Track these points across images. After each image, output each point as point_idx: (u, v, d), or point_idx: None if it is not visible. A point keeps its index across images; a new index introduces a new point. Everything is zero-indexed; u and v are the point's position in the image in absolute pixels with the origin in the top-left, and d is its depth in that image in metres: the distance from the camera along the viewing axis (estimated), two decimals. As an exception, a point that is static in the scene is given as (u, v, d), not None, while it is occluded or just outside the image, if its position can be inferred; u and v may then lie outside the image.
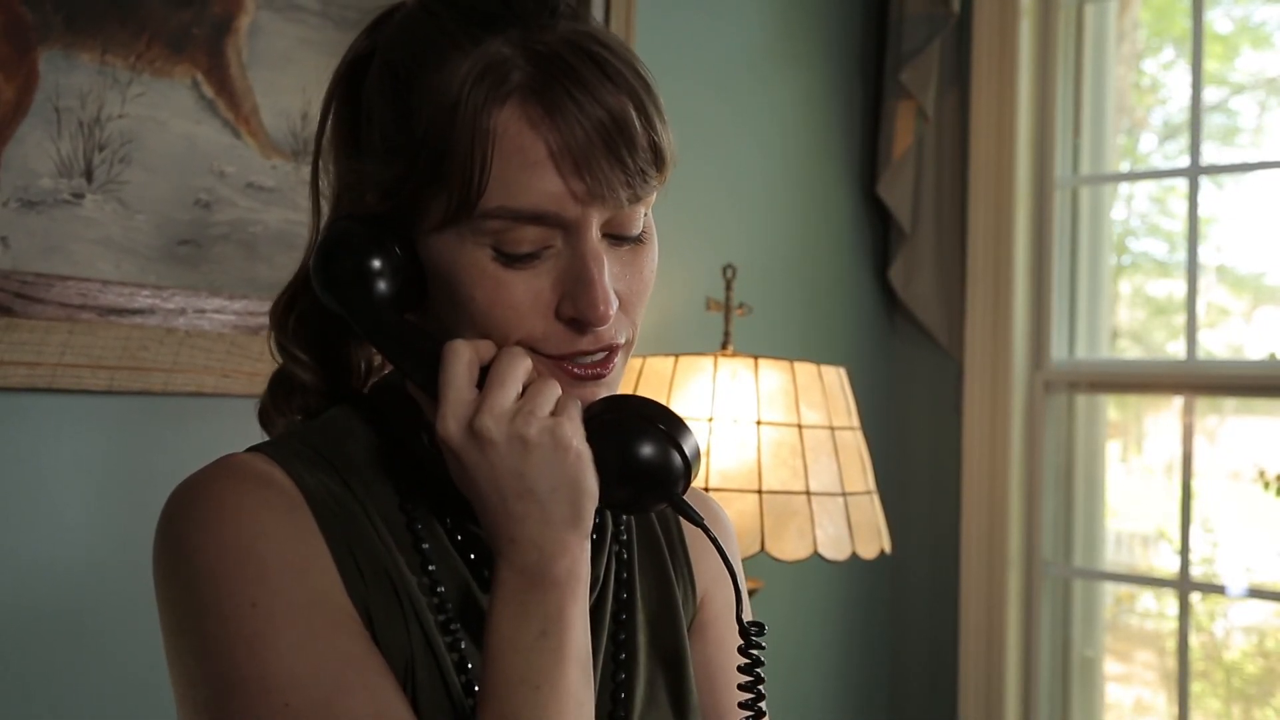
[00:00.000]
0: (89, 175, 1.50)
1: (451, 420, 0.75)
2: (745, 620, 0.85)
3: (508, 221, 0.75)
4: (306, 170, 1.71)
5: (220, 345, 1.60)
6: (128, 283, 1.53)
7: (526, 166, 0.74)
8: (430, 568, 0.82)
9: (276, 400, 0.90)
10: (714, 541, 0.82)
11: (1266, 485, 2.38)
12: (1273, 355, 2.41)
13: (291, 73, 1.67)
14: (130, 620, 1.51)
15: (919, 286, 2.58)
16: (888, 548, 1.87)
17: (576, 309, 0.77)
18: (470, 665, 0.80)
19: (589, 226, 0.76)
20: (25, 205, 1.45)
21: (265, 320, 1.66)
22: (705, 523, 0.81)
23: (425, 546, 0.82)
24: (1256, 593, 2.49)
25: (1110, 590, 2.70)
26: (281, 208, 1.67)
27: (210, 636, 0.74)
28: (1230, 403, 2.66)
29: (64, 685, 1.49)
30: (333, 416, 0.86)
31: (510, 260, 0.76)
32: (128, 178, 1.53)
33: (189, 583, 0.76)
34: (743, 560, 1.66)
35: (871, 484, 1.88)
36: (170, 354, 1.56)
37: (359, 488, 0.82)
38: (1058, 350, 2.55)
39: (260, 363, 1.62)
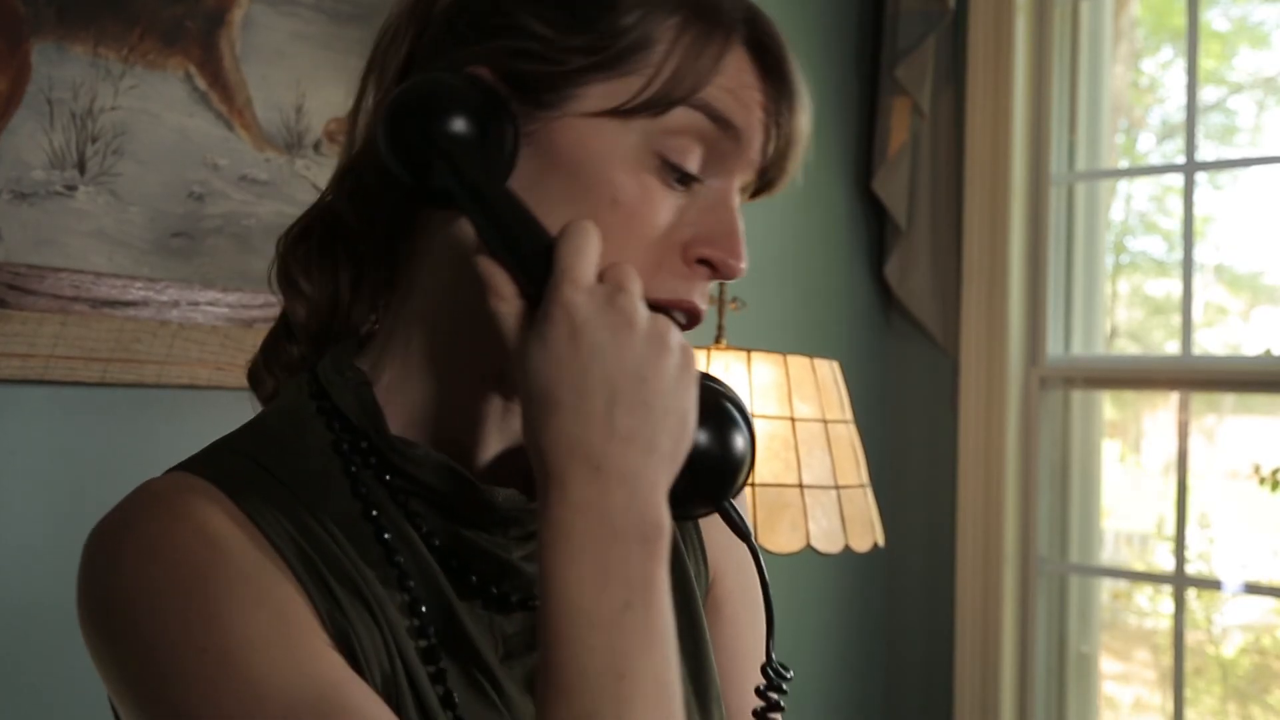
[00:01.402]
0: (82, 167, 1.50)
1: (584, 287, 0.64)
2: (772, 660, 0.76)
3: (701, 117, 0.70)
4: (300, 164, 1.72)
5: (214, 338, 1.60)
6: (121, 275, 1.53)
7: (740, 98, 0.71)
8: (409, 584, 0.70)
9: (269, 357, 0.82)
10: (755, 557, 0.74)
11: (1262, 481, 2.38)
12: (1268, 351, 2.41)
13: (285, 66, 1.67)
14: (123, 612, 1.51)
15: (914, 282, 2.58)
16: (881, 541, 1.87)
17: (718, 252, 0.71)
18: (457, 701, 0.69)
19: (736, 185, 0.73)
20: (17, 197, 1.45)
21: (259, 314, 1.68)
22: (753, 539, 0.73)
23: (400, 560, 0.70)
24: (1252, 589, 2.49)
25: (1106, 587, 2.70)
26: (275, 201, 1.67)
27: (164, 685, 0.64)
28: (1227, 400, 2.66)
29: (58, 679, 1.49)
30: (278, 410, 0.77)
31: (670, 174, 0.70)
32: (120, 170, 1.54)
33: (126, 634, 0.65)
34: (736, 553, 1.66)
35: (865, 477, 1.88)
36: (164, 346, 1.56)
37: (311, 497, 0.70)
38: (1053, 346, 2.55)
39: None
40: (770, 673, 0.75)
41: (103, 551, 0.67)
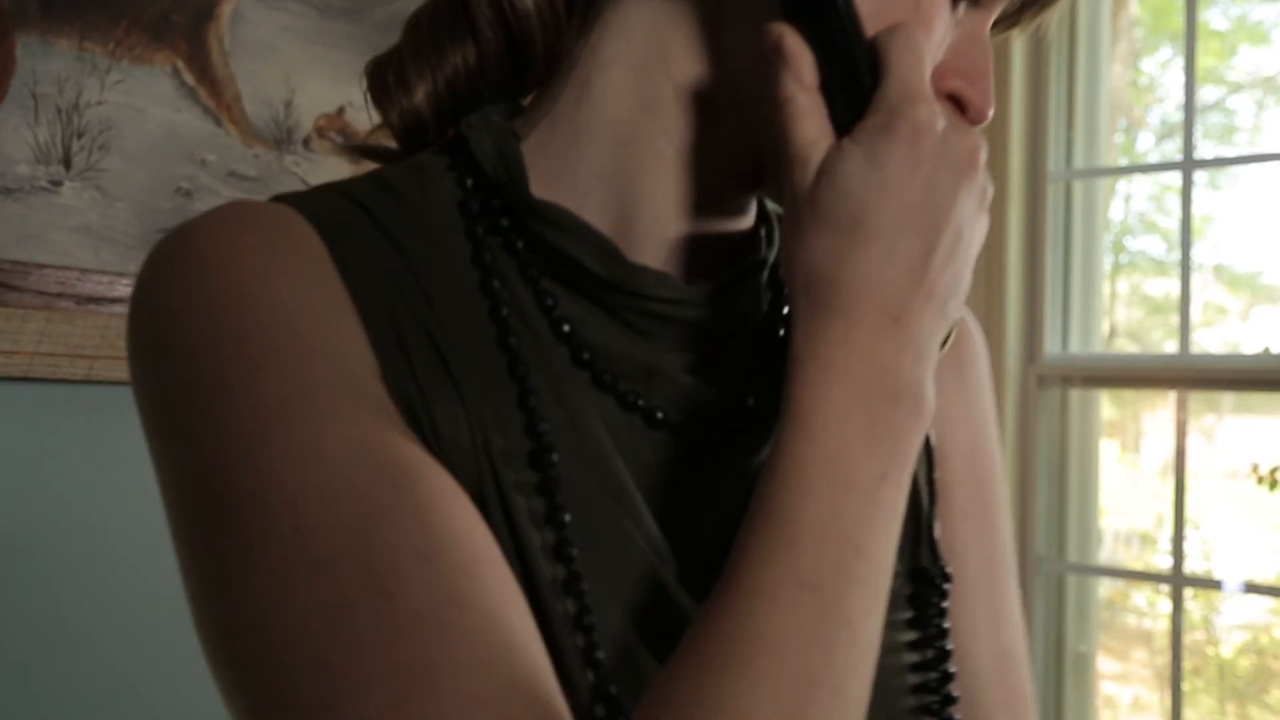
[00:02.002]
0: (67, 162, 1.49)
1: (932, 112, 0.54)
2: (935, 553, 0.65)
3: None
4: (289, 159, 1.71)
5: (201, 335, 1.59)
6: (106, 271, 1.52)
7: None
8: (520, 372, 0.56)
9: (419, 44, 0.65)
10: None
11: (1261, 480, 2.37)
12: (1267, 350, 2.40)
13: (274, 61, 1.66)
14: (110, 610, 1.50)
15: (911, 281, 2.57)
16: (876, 541, 1.86)
17: (972, 90, 0.61)
18: (567, 520, 0.55)
19: (990, 21, 0.64)
20: (2, 192, 1.44)
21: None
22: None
23: (513, 342, 0.57)
24: (1251, 588, 2.48)
25: (1104, 587, 2.69)
26: (264, 197, 1.66)
27: (195, 439, 0.53)
28: (1226, 400, 2.65)
29: (51, 679, 1.48)
30: (404, 165, 0.63)
31: None
32: (106, 165, 1.52)
33: (165, 366, 0.55)
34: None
35: (860, 477, 1.87)
36: (150, 343, 1.55)
37: (420, 259, 0.58)
38: (1051, 345, 2.54)
39: (241, 353, 1.61)
40: (935, 567, 0.66)
41: (159, 264, 0.57)
